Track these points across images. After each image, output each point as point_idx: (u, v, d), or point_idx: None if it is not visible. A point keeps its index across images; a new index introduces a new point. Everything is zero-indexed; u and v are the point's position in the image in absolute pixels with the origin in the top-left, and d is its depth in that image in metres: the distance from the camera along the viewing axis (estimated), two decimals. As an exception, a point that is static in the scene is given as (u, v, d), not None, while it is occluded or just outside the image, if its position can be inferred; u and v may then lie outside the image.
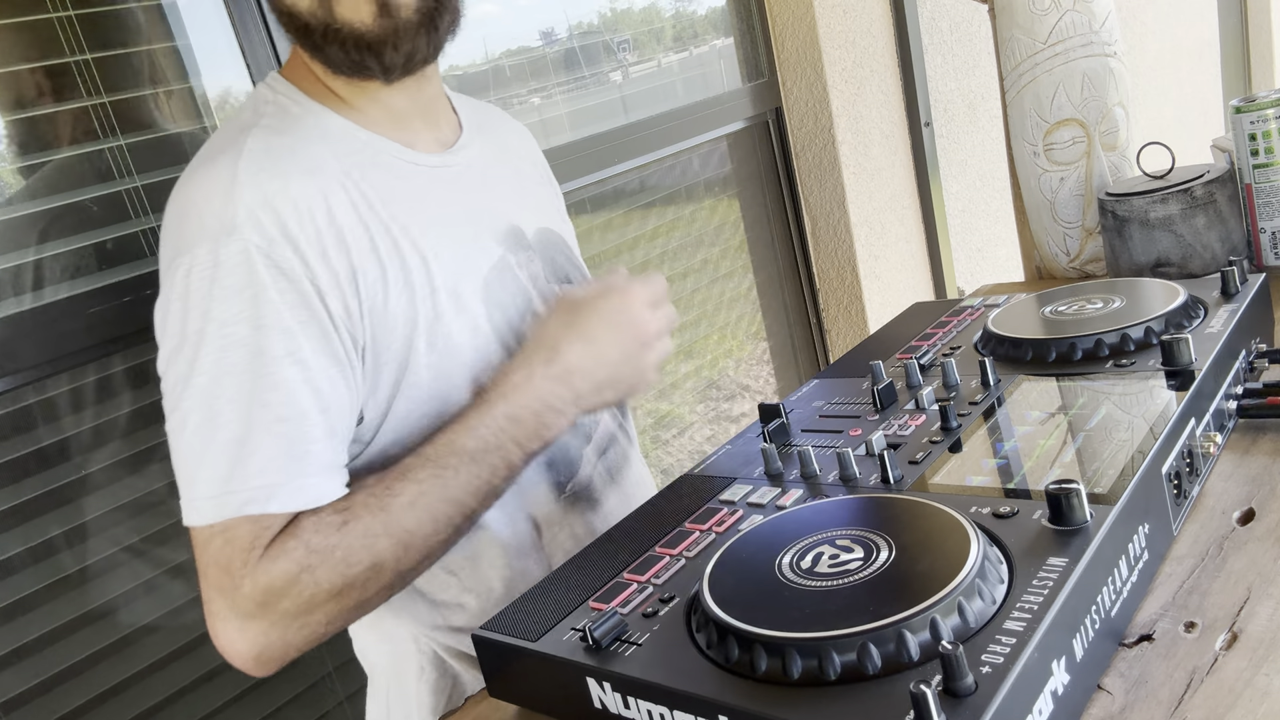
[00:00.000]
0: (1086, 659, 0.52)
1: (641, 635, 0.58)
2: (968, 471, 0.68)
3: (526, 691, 0.63)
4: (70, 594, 1.07)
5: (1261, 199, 1.12)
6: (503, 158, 0.97)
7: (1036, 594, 0.51)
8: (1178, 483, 0.66)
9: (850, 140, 1.97)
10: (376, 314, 0.76)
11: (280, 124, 0.78)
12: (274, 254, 0.70)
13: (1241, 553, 0.62)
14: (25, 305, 1.01)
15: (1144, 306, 0.85)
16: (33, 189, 1.05)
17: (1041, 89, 1.30)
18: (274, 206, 0.71)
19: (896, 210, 2.11)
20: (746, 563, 0.60)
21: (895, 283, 2.11)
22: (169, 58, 1.15)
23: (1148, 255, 1.17)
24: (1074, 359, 0.82)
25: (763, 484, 0.75)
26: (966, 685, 0.45)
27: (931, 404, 0.81)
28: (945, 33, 2.22)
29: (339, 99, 0.82)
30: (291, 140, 0.76)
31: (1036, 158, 1.33)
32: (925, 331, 1.01)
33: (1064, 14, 1.27)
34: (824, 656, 0.49)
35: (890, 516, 0.61)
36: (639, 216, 1.78)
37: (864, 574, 0.55)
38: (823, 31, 1.89)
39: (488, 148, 0.94)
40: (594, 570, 0.68)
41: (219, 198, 0.70)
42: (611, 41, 1.77)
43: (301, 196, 0.72)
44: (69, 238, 1.05)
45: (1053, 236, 1.35)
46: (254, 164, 0.72)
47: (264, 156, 0.73)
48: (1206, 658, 0.54)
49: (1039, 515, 0.58)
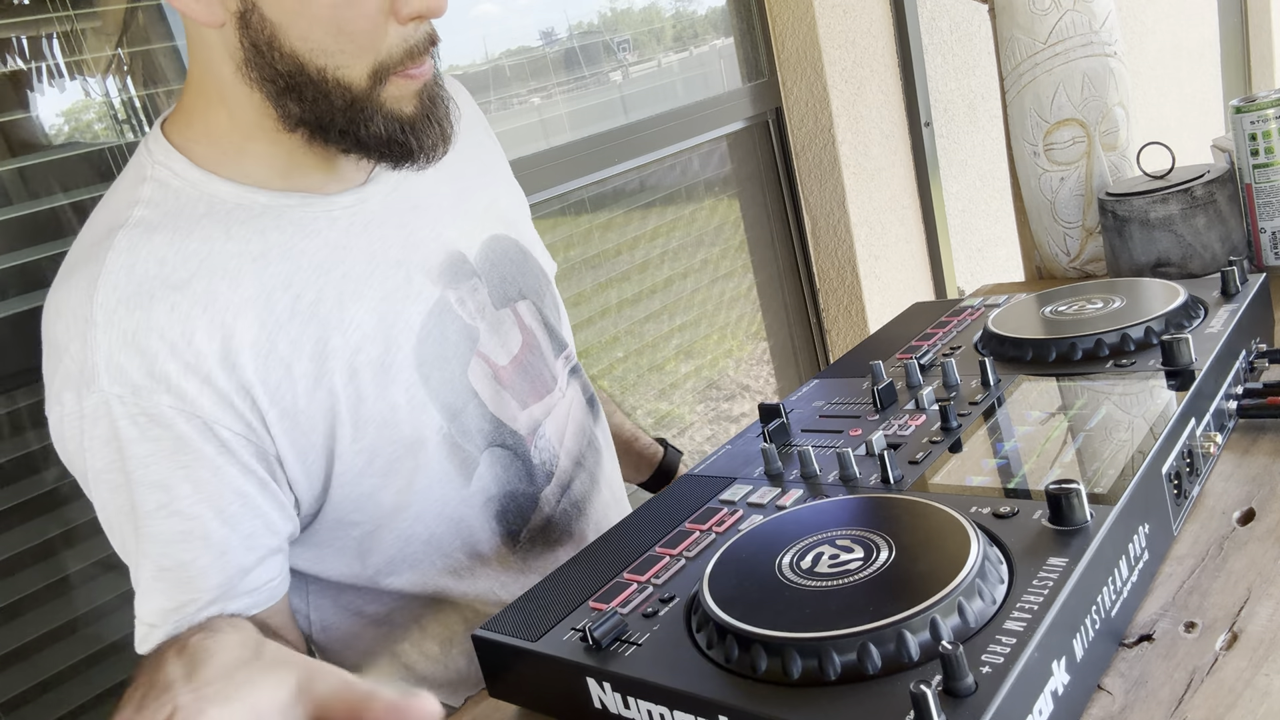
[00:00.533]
0: (1086, 659, 0.52)
1: (641, 635, 0.58)
2: (968, 471, 0.68)
3: (526, 691, 0.63)
4: (70, 594, 1.07)
5: (1261, 199, 1.12)
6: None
7: (1036, 594, 0.51)
8: (1178, 483, 0.66)
9: (850, 140, 1.97)
10: (287, 418, 0.71)
11: (156, 213, 0.70)
12: (141, 402, 0.65)
13: (1241, 553, 0.62)
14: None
15: (1144, 306, 0.85)
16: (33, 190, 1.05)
17: (1041, 89, 1.30)
18: (137, 345, 0.65)
19: (896, 210, 2.11)
20: (746, 563, 0.60)
21: (895, 283, 2.11)
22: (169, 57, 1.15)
23: (1148, 255, 1.17)
24: (1074, 359, 0.82)
25: (763, 484, 0.75)
26: (966, 685, 0.45)
27: (931, 404, 0.81)
28: (945, 33, 2.22)
29: (237, 153, 0.73)
30: (166, 237, 0.68)
31: (1036, 158, 1.33)
32: (925, 331, 1.01)
33: (1064, 14, 1.27)
34: (824, 656, 0.49)
35: (890, 516, 0.61)
36: (639, 216, 1.78)
37: (864, 574, 0.55)
38: (823, 31, 1.89)
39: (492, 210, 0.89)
40: (594, 570, 0.68)
41: (77, 341, 0.65)
42: (611, 41, 1.77)
43: (170, 324, 0.66)
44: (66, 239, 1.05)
45: (1053, 236, 1.35)
46: (113, 294, 0.65)
47: (125, 278, 0.66)
48: (1206, 658, 0.54)
49: (1039, 515, 0.58)
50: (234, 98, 0.71)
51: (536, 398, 0.86)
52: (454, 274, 0.81)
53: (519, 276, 0.88)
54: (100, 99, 1.14)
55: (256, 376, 0.69)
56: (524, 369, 0.85)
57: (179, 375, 0.66)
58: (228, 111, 0.72)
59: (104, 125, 1.15)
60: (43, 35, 1.08)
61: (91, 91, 1.13)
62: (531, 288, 0.90)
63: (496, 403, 0.82)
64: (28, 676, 1.03)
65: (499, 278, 0.86)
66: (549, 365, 0.89)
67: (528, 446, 0.85)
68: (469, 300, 0.81)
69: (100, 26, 1.12)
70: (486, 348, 0.82)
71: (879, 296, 2.06)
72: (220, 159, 0.73)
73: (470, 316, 0.81)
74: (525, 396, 0.85)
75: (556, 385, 0.90)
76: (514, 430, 0.83)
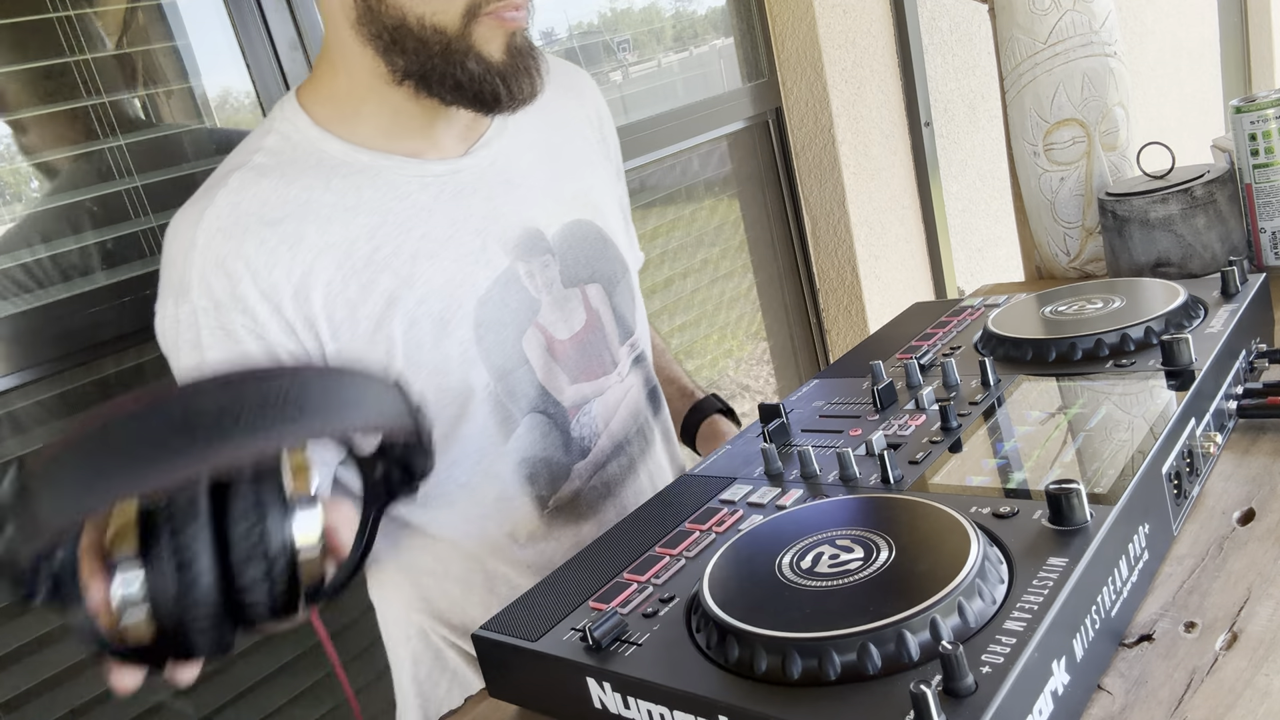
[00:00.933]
0: (1086, 659, 0.52)
1: (641, 635, 0.58)
2: (968, 471, 0.68)
3: (526, 691, 0.63)
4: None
5: (1261, 199, 1.12)
6: (543, 139, 0.93)
7: (1036, 594, 0.51)
8: (1178, 483, 0.66)
9: (850, 140, 1.97)
10: (346, 353, 0.78)
11: (271, 160, 0.79)
12: (220, 317, 0.75)
13: (1241, 553, 0.62)
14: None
15: (1144, 306, 0.85)
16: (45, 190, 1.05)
17: (1041, 89, 1.30)
18: (225, 269, 0.75)
19: (896, 210, 2.11)
20: (746, 563, 0.60)
21: (895, 283, 2.11)
22: (168, 57, 1.15)
23: (1148, 255, 1.17)
24: (1074, 359, 0.82)
25: (763, 484, 0.75)
26: (966, 685, 0.45)
27: (931, 404, 0.81)
28: (945, 33, 2.22)
29: (352, 114, 0.82)
30: (273, 182, 0.78)
31: (1036, 158, 1.33)
32: (925, 331, 1.01)
33: (1064, 14, 1.27)
34: (824, 656, 0.49)
35: (890, 516, 0.61)
36: (639, 216, 1.78)
37: (864, 574, 0.55)
38: (823, 31, 1.89)
39: (523, 134, 0.91)
40: (594, 570, 0.68)
41: (181, 257, 0.75)
42: (611, 41, 1.77)
43: (255, 255, 0.75)
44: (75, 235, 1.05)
45: (1053, 236, 1.35)
46: (214, 224, 0.75)
47: (228, 213, 0.76)
48: (1206, 658, 0.54)
49: (1039, 515, 0.58)
50: (350, 57, 0.80)
51: (589, 377, 0.90)
52: (528, 249, 0.87)
53: (594, 261, 0.93)
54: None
55: (323, 313, 0.77)
56: (582, 347, 0.90)
57: (255, 300, 0.75)
58: (346, 73, 0.81)
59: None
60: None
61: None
62: (605, 273, 0.94)
63: (546, 373, 0.87)
64: (28, 676, 1.03)
65: (573, 259, 0.90)
66: (610, 348, 0.93)
67: (569, 419, 0.89)
68: (538, 275, 0.87)
69: (100, 27, 1.12)
70: (546, 320, 0.87)
71: (879, 296, 2.06)
72: (337, 119, 0.82)
73: (536, 289, 0.87)
74: (577, 373, 0.89)
75: (615, 369, 0.94)
76: (558, 401, 0.88)
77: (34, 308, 1.01)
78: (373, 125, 0.82)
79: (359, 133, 0.82)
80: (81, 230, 1.05)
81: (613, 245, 0.96)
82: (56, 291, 1.03)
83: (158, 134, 1.13)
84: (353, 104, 0.82)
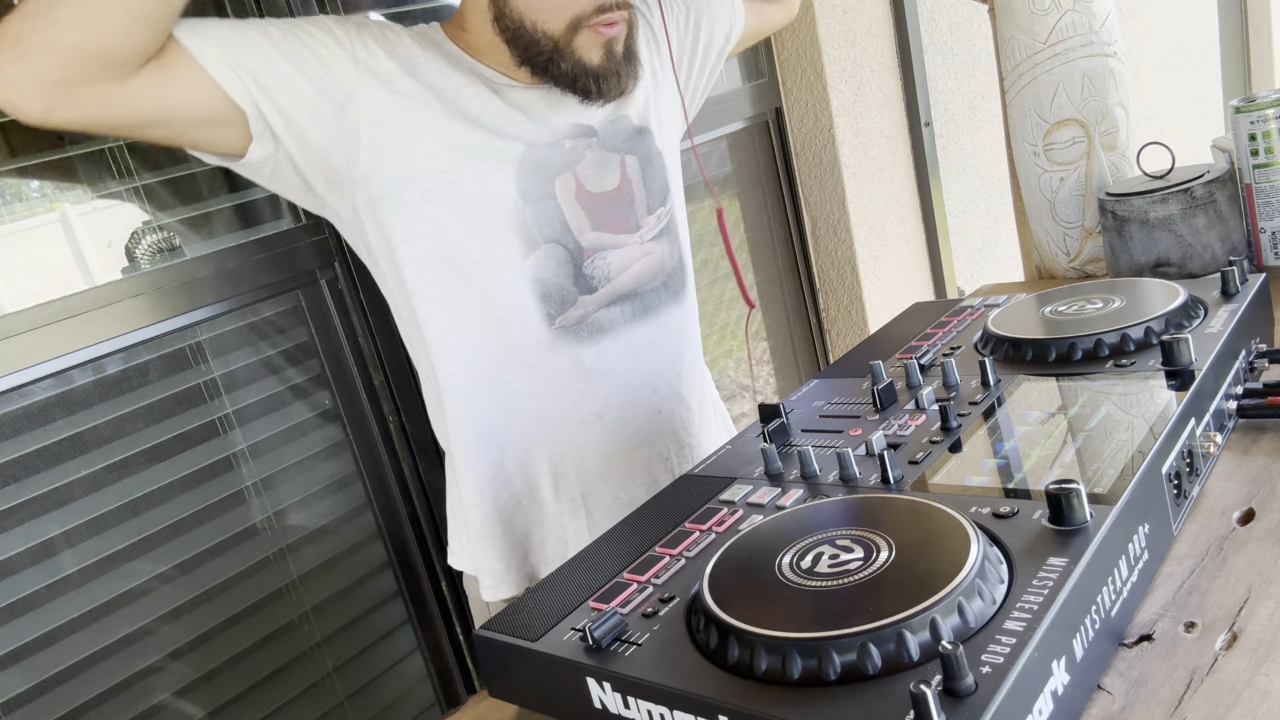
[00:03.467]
0: (1086, 659, 0.52)
1: (641, 635, 0.58)
2: (968, 471, 0.68)
3: (526, 691, 0.63)
4: (70, 594, 1.07)
5: (1261, 199, 1.12)
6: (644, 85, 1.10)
7: (1036, 594, 0.51)
8: (1178, 483, 0.66)
9: (850, 140, 1.97)
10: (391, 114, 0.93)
11: (417, 33, 0.99)
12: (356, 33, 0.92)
13: (1241, 553, 0.62)
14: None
15: (1144, 306, 0.85)
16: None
17: (1041, 89, 1.30)
18: (367, 30, 0.94)
19: (896, 210, 2.11)
20: (746, 563, 0.60)
21: (895, 283, 2.11)
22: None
23: (1148, 255, 1.17)
24: (1074, 359, 0.82)
25: (763, 484, 0.75)
26: (966, 685, 0.45)
27: (931, 404, 0.81)
28: (945, 33, 2.22)
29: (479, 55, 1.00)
30: (413, 38, 0.97)
31: (1036, 158, 1.33)
32: (925, 331, 1.01)
33: (1064, 14, 1.27)
34: (824, 656, 0.49)
35: (890, 516, 0.61)
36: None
37: (864, 574, 0.55)
38: (823, 31, 1.89)
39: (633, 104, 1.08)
40: (594, 570, 0.68)
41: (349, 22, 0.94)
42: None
43: (382, 41, 0.94)
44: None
45: (1053, 236, 1.35)
46: (368, 25, 0.95)
47: (380, 25, 0.96)
48: (1206, 658, 0.54)
49: (1039, 515, 0.58)
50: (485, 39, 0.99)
51: (609, 230, 1.05)
52: (577, 131, 1.03)
53: (633, 142, 1.08)
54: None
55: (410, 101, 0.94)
56: (610, 204, 1.04)
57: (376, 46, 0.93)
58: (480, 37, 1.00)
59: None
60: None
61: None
62: (643, 153, 1.09)
63: (571, 211, 1.01)
64: (28, 676, 1.03)
65: (613, 134, 1.06)
66: (635, 214, 1.07)
67: (584, 258, 1.03)
68: (580, 142, 1.03)
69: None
70: (582, 172, 1.02)
71: (879, 296, 2.06)
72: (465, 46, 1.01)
73: (578, 151, 1.02)
74: (598, 222, 1.04)
75: (636, 232, 1.07)
76: (576, 240, 1.02)
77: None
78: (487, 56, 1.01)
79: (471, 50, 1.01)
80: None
81: (649, 134, 1.10)
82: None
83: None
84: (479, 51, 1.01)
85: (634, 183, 1.07)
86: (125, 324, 1.09)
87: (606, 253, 1.04)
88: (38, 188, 1.10)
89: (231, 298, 1.18)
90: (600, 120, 1.04)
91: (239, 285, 1.18)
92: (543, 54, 0.96)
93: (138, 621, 1.11)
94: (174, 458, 1.15)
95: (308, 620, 1.26)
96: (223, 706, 1.17)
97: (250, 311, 1.22)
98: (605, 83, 0.98)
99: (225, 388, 1.20)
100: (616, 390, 1.06)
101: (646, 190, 1.09)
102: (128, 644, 1.10)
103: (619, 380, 1.06)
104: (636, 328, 1.08)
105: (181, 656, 1.14)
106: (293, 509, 1.25)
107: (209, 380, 1.18)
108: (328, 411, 1.28)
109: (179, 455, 1.15)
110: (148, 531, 1.12)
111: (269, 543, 1.23)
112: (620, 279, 1.06)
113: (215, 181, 1.22)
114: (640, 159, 1.08)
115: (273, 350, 1.24)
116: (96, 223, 1.13)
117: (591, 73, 0.97)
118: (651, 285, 1.09)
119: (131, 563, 1.11)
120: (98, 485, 1.09)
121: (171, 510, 1.14)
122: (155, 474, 1.13)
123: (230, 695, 1.18)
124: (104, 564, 1.09)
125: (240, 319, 1.21)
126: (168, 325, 1.13)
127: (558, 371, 1.03)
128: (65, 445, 1.07)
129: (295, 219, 1.24)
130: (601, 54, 0.97)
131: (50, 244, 1.10)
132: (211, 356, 1.19)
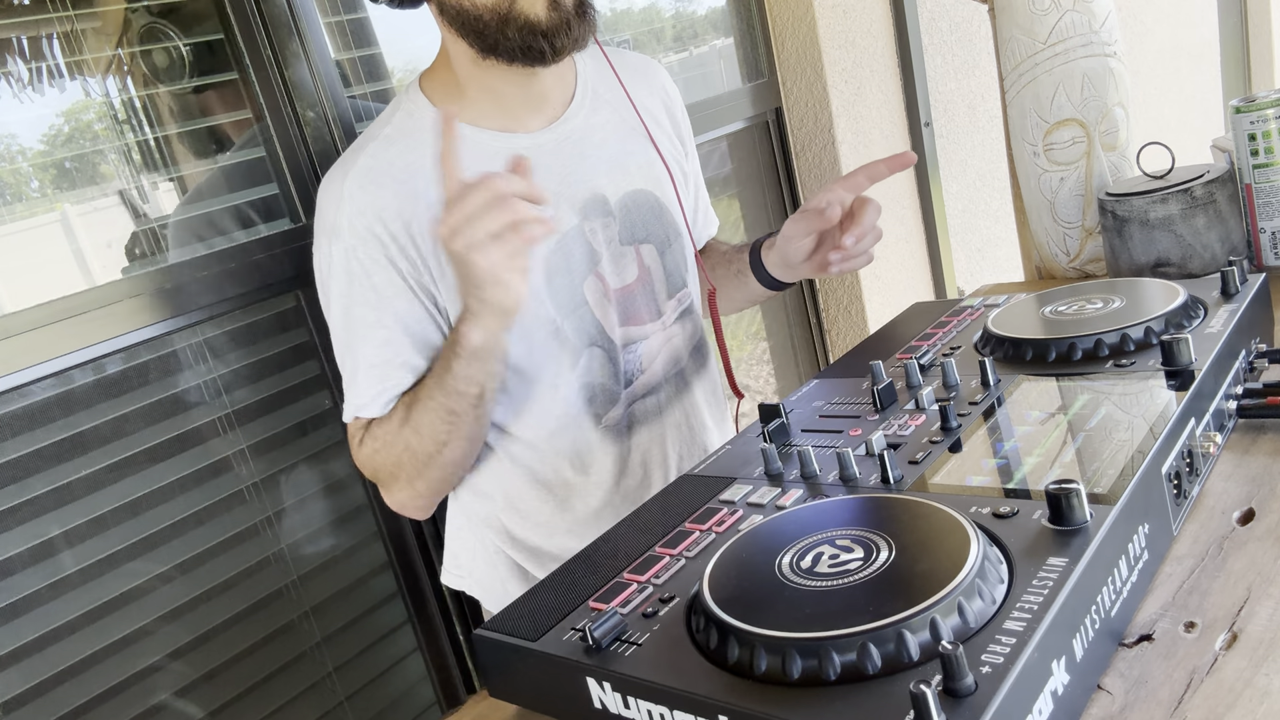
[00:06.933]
0: (1086, 659, 0.52)
1: (641, 635, 0.58)
2: (968, 471, 0.68)
3: (526, 691, 0.63)
4: (70, 594, 1.07)
5: (1261, 199, 1.12)
6: (615, 118, 1.09)
7: (1036, 594, 0.51)
8: (1178, 483, 0.66)
9: (850, 140, 1.97)
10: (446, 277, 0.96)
11: (397, 133, 0.98)
12: (361, 251, 0.94)
13: (1241, 553, 0.62)
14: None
15: (1144, 306, 0.85)
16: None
17: (1041, 89, 1.30)
18: (365, 216, 0.94)
19: (896, 210, 2.11)
20: (746, 563, 0.60)
21: (895, 283, 2.11)
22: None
23: (1148, 255, 1.17)
24: (1074, 359, 0.82)
25: (763, 484, 0.75)
26: (966, 685, 0.45)
27: (931, 404, 0.81)
28: (945, 33, 2.22)
29: (460, 97, 0.99)
30: (399, 150, 0.97)
31: (1036, 158, 1.33)
32: (925, 331, 1.01)
33: (1064, 14, 1.27)
34: (824, 656, 0.49)
35: (890, 516, 0.61)
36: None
37: (864, 574, 0.55)
38: (823, 31, 1.89)
39: (599, 113, 1.07)
40: (594, 570, 0.68)
41: (332, 207, 0.95)
42: (612, 41, 1.77)
43: (387, 209, 0.94)
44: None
45: (1053, 236, 1.35)
46: (359, 181, 0.95)
47: (368, 175, 0.95)
48: (1206, 658, 0.54)
49: (1039, 515, 0.58)
50: (451, 47, 0.98)
51: (636, 323, 1.07)
52: (593, 210, 1.04)
53: (650, 224, 1.09)
54: (100, 99, 1.14)
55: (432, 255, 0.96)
56: (632, 297, 1.07)
57: (387, 238, 0.94)
58: (453, 58, 0.99)
59: (104, 125, 1.15)
60: (42, 35, 1.08)
61: (91, 92, 1.13)
62: (659, 236, 1.10)
63: (601, 312, 1.04)
64: (28, 676, 1.03)
65: (630, 221, 1.07)
66: (657, 301, 1.10)
67: (619, 353, 1.06)
68: (600, 232, 1.04)
69: (100, 27, 1.12)
70: (604, 270, 1.04)
71: (879, 296, 2.06)
72: (447, 101, 1.00)
73: (598, 244, 1.03)
74: (625, 317, 1.06)
75: (660, 319, 1.10)
76: (610, 338, 1.05)
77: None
78: (475, 107, 0.99)
79: (465, 113, 0.99)
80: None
81: (668, 212, 1.11)
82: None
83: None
84: (459, 88, 1.00)
85: (652, 271, 1.09)
86: (125, 324, 1.09)
87: (636, 345, 1.08)
88: (38, 188, 1.10)
89: (232, 298, 1.18)
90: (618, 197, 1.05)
91: (239, 285, 1.18)
92: (490, 29, 0.93)
93: (138, 621, 1.11)
94: (174, 458, 1.15)
95: (308, 620, 1.26)
96: (223, 706, 1.17)
97: (250, 311, 1.22)
98: (556, 38, 0.94)
99: (225, 388, 1.20)
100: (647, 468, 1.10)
101: (666, 274, 1.10)
102: (128, 644, 1.10)
103: (654, 463, 1.10)
104: (670, 413, 1.12)
105: (181, 656, 1.14)
106: (292, 509, 1.25)
107: (209, 380, 1.18)
108: (328, 411, 1.28)
109: (179, 455, 1.15)
110: (148, 531, 1.12)
111: (269, 543, 1.23)
112: (651, 369, 1.10)
113: (215, 181, 1.22)
114: (658, 245, 1.09)
115: (273, 350, 1.24)
116: (96, 223, 1.14)
117: (540, 30, 0.93)
118: (678, 368, 1.13)
119: (131, 563, 1.11)
120: (98, 485, 1.09)
121: (171, 510, 1.14)
122: (155, 474, 1.13)
123: (230, 695, 1.18)
124: (104, 564, 1.09)
125: (240, 319, 1.21)
126: (168, 325, 1.13)
127: (602, 470, 1.07)
128: (65, 445, 1.07)
129: (295, 219, 1.24)
130: (546, 5, 0.92)
131: (50, 244, 1.10)
132: (211, 356, 1.19)
